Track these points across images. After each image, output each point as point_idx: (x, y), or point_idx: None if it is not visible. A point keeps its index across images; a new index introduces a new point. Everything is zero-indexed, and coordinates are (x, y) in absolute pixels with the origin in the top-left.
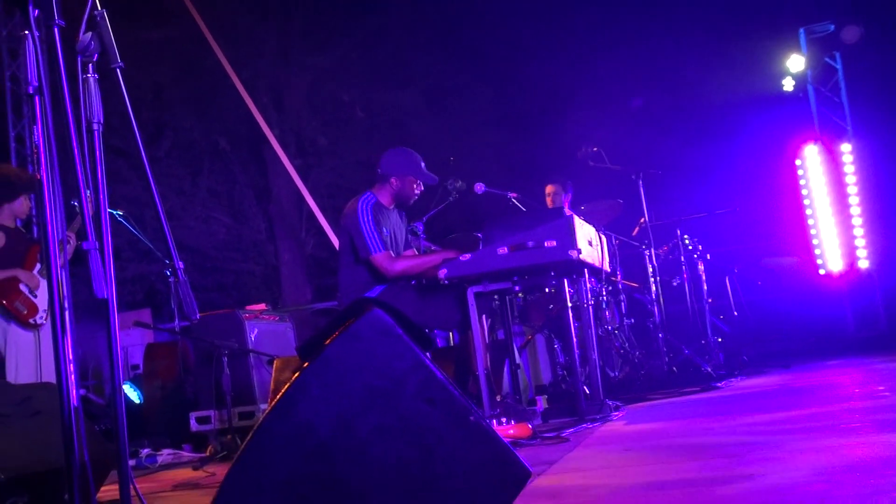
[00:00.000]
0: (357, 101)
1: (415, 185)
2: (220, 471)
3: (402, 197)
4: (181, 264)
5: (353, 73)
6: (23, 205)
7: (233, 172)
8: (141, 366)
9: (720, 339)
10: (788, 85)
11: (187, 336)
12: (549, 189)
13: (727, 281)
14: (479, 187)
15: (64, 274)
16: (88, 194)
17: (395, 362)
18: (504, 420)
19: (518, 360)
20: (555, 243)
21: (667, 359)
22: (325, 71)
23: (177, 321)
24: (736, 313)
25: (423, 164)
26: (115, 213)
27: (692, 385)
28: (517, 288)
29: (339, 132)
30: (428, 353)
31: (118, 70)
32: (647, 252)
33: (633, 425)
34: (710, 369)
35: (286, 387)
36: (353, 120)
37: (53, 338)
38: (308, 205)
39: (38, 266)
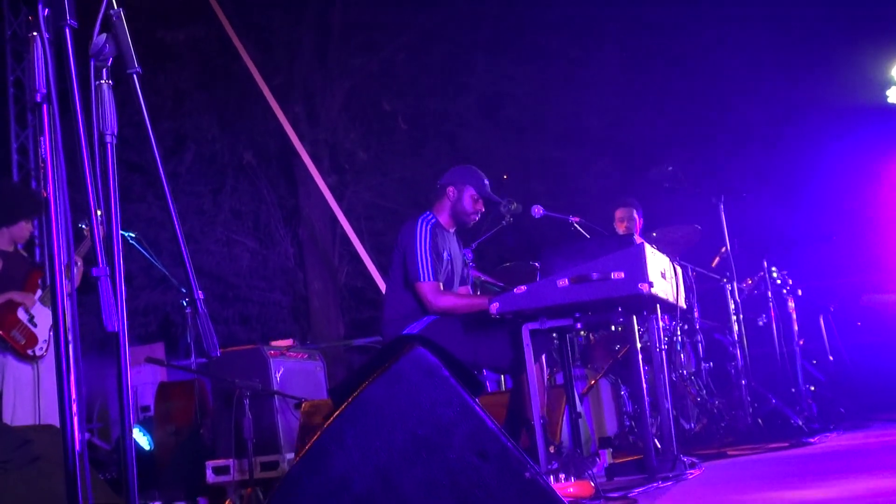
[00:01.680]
0: (401, 111)
1: (473, 201)
2: None
3: (458, 212)
4: (200, 293)
5: (398, 79)
6: (23, 228)
7: (259, 190)
8: (152, 407)
9: (813, 388)
10: (894, 96)
11: (205, 374)
12: (618, 213)
13: (821, 320)
14: (537, 210)
15: (70, 303)
16: (99, 214)
17: (441, 409)
18: (563, 476)
19: (579, 407)
20: (623, 275)
21: (751, 409)
22: (367, 76)
23: (193, 357)
24: (831, 358)
25: (486, 182)
26: (127, 235)
27: (780, 440)
28: (579, 326)
29: (380, 145)
30: (477, 399)
31: (135, 76)
32: (728, 286)
33: (711, 486)
34: (801, 422)
35: (317, 434)
36: (395, 132)
37: (57, 374)
38: (342, 228)
39: (39, 293)
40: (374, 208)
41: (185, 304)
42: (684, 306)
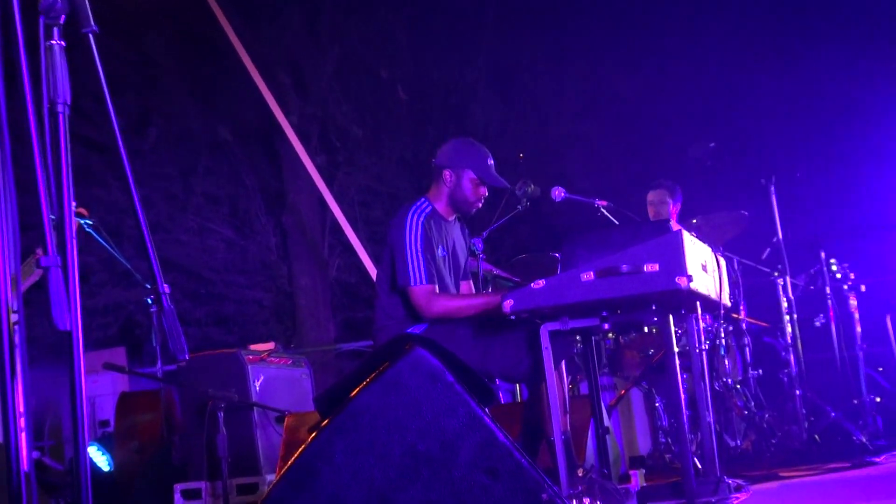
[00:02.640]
0: (401, 80)
1: (474, 186)
2: None
3: (456, 199)
4: (167, 289)
5: (398, 45)
6: None
7: (237, 172)
8: (112, 422)
9: (878, 399)
10: None
11: (173, 383)
12: (651, 196)
13: (888, 321)
14: (558, 193)
15: (15, 299)
16: (53, 198)
17: (445, 419)
18: (587, 501)
19: (607, 421)
20: (657, 267)
21: (806, 424)
22: (362, 41)
23: (160, 364)
24: None
25: (490, 162)
26: (84, 222)
27: (840, 459)
28: (606, 326)
29: (377, 121)
30: (488, 409)
31: (91, 36)
32: (780, 281)
33: None
34: (864, 438)
35: (301, 450)
36: (395, 105)
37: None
38: (333, 215)
39: None
40: (370, 193)
41: (150, 301)
42: (729, 304)
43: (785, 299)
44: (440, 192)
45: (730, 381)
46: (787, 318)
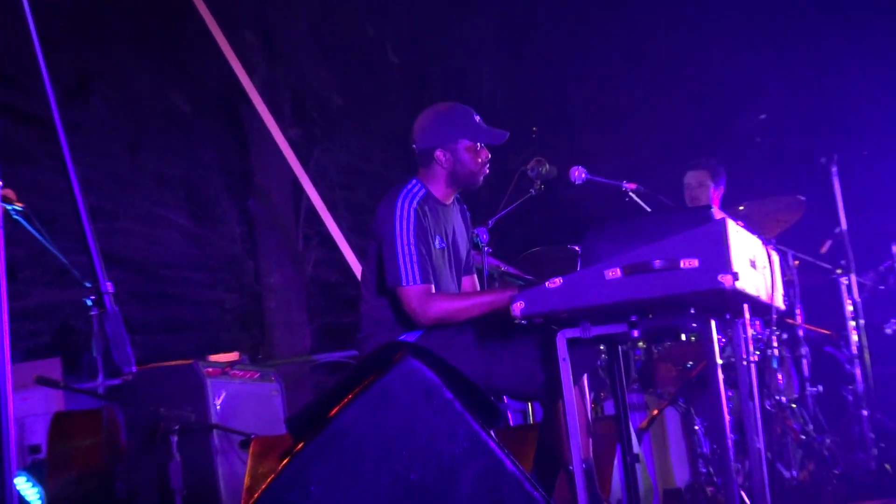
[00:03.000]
0: (392, 40)
1: (473, 153)
2: None
3: (459, 175)
4: (111, 288)
5: None
6: None
7: (195, 149)
8: (44, 448)
9: None
10: None
11: (117, 401)
12: (689, 178)
13: None
14: (578, 173)
15: None
16: None
17: (442, 444)
18: None
19: (637, 447)
20: (697, 263)
21: (875, 450)
22: None
23: (101, 378)
24: None
25: (476, 118)
26: (10, 207)
27: None
28: (636, 333)
29: (363, 88)
30: (493, 432)
31: None
32: (843, 280)
33: None
34: None
35: (270, 480)
36: (384, 69)
37: None
38: (310, 200)
39: None
40: (354, 173)
41: (90, 303)
42: (783, 307)
43: (849, 302)
44: (434, 174)
45: (784, 399)
46: (851, 324)
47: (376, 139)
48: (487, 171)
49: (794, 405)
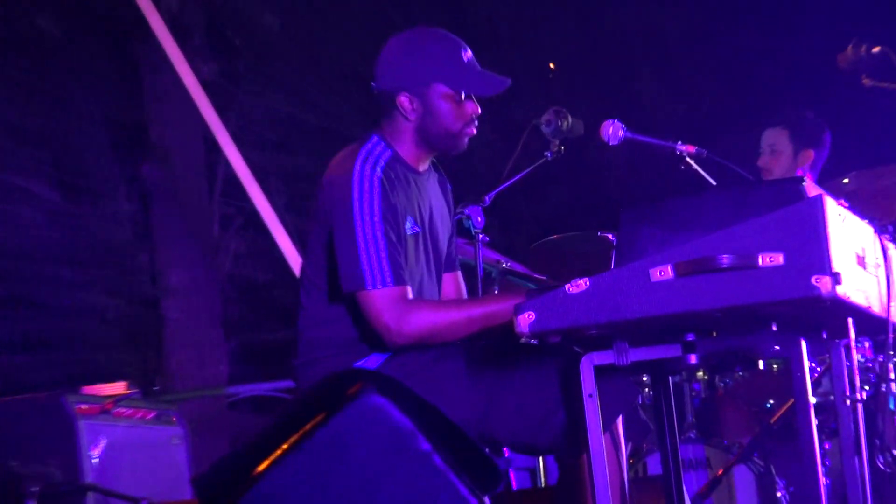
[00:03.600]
0: None
1: (454, 104)
2: None
3: (434, 136)
4: None
5: None
6: None
7: (65, 90)
8: None
9: None
10: None
11: None
12: (769, 138)
13: None
14: (613, 130)
15: None
16: None
17: None
18: None
19: None
20: (781, 259)
21: None
22: None
23: None
24: None
25: (465, 54)
26: None
27: None
28: (694, 359)
29: (307, 4)
30: (489, 498)
31: None
32: None
33: None
34: None
35: None
36: None
37: None
38: (229, 165)
39: None
40: (294, 128)
41: None
42: None
43: None
44: (399, 128)
45: None
46: None
47: (327, 79)
48: (475, 131)
49: None
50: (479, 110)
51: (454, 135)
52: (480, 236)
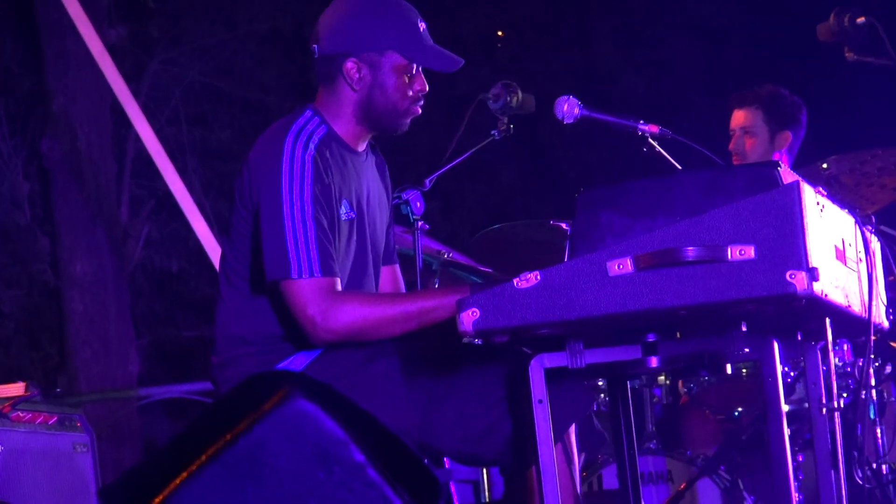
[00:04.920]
0: None
1: (404, 78)
2: None
3: (379, 111)
4: None
5: None
6: None
7: None
8: None
9: None
10: None
11: None
12: (741, 119)
13: None
14: (568, 108)
15: None
16: None
17: None
18: None
19: None
20: (753, 252)
21: None
22: None
23: None
24: None
25: (421, 25)
26: None
27: None
28: (655, 362)
29: None
30: None
31: None
32: None
33: None
34: None
35: None
36: None
37: None
38: (140, 140)
39: None
40: (213, 99)
41: None
42: (886, 324)
43: None
44: (339, 100)
45: (885, 467)
46: None
47: (249, 46)
48: (420, 111)
49: None
50: (427, 88)
51: (400, 112)
52: (420, 224)
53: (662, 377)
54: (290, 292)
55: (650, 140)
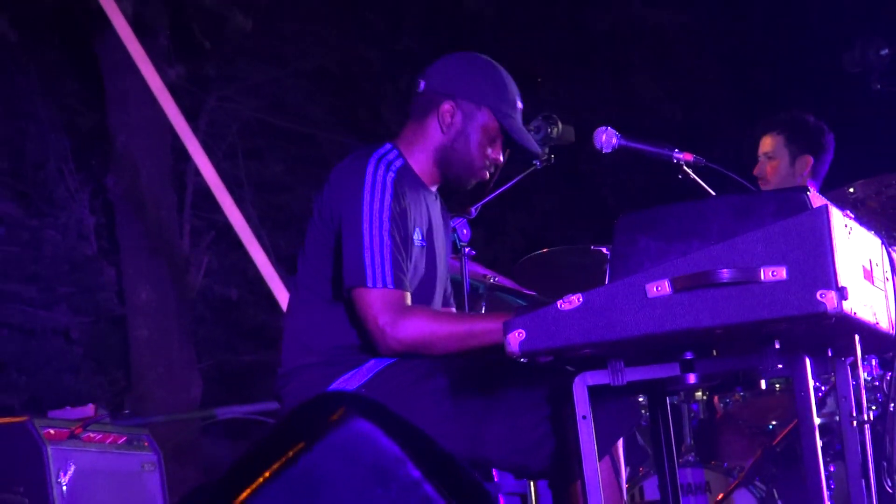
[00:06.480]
0: None
1: (488, 138)
2: None
3: (452, 159)
4: None
5: None
6: None
7: (22, 95)
8: None
9: None
10: None
11: None
12: (765, 145)
13: None
14: (606, 137)
15: None
16: None
17: None
18: None
19: None
20: (784, 273)
21: None
22: None
23: None
24: None
25: (519, 104)
26: None
27: None
28: (693, 379)
29: (278, 1)
30: None
31: None
32: None
33: None
34: None
35: None
36: None
37: None
38: (199, 174)
39: None
40: (267, 135)
41: None
42: None
43: None
44: (424, 137)
45: None
46: None
47: (303, 83)
48: (487, 176)
49: None
50: (502, 162)
51: (473, 168)
52: (466, 249)
53: (700, 393)
54: (364, 300)
55: (685, 167)
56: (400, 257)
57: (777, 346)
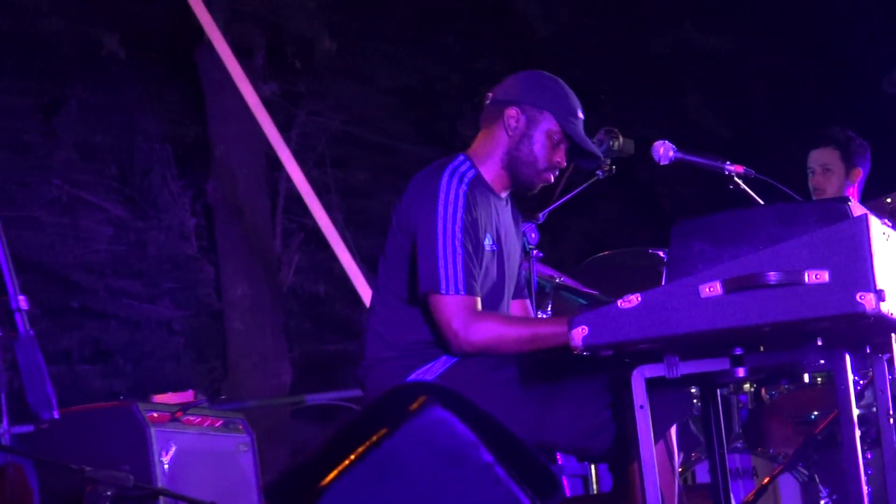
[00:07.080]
0: None
1: (551, 143)
2: None
3: (518, 162)
4: (25, 304)
5: None
6: None
7: (130, 108)
8: None
9: None
10: None
11: (27, 455)
12: (811, 159)
13: None
14: (664, 150)
15: None
16: None
17: None
18: None
19: None
20: (827, 276)
21: None
22: None
23: (5, 424)
24: None
25: (580, 114)
26: None
27: None
28: (741, 373)
29: (364, 25)
30: None
31: None
32: None
33: None
34: None
35: None
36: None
37: None
38: (291, 181)
39: None
40: (352, 145)
41: None
42: None
43: None
44: (493, 143)
45: None
46: None
47: (383, 99)
48: (552, 179)
49: None
50: (564, 165)
51: (537, 170)
52: (534, 252)
53: (748, 385)
54: (438, 306)
55: (735, 178)
56: (472, 265)
57: (819, 342)
